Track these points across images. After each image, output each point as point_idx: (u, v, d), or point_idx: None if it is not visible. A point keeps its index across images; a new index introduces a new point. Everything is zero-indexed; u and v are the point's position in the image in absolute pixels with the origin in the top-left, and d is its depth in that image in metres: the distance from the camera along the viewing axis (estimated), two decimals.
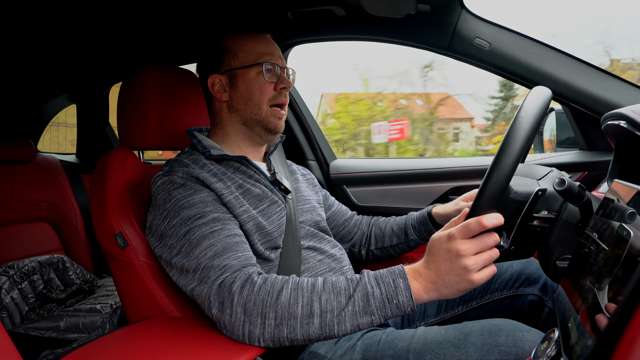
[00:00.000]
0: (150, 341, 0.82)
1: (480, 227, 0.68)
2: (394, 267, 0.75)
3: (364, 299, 0.72)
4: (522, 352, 0.74)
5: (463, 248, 0.69)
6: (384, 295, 0.72)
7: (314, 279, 0.77)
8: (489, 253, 0.70)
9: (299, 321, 0.73)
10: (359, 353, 0.85)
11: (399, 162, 1.65)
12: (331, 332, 0.73)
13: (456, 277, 0.70)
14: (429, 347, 0.80)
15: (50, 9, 1.25)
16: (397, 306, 0.72)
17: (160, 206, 0.90)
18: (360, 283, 0.74)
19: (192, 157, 0.99)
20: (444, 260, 0.71)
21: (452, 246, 0.70)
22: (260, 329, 0.74)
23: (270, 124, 1.03)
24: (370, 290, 0.73)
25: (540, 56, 1.22)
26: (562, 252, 0.76)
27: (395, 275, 0.73)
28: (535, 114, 0.70)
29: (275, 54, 1.03)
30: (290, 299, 0.74)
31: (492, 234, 0.70)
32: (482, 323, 0.82)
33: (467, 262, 0.69)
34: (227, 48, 1.02)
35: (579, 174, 1.29)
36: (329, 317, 0.73)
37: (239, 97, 1.02)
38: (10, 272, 1.70)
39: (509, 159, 0.68)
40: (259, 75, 1.00)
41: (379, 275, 0.75)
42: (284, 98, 1.04)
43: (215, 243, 0.83)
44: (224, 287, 0.78)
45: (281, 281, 0.77)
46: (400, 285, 0.72)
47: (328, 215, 1.26)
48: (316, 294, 0.74)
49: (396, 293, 0.72)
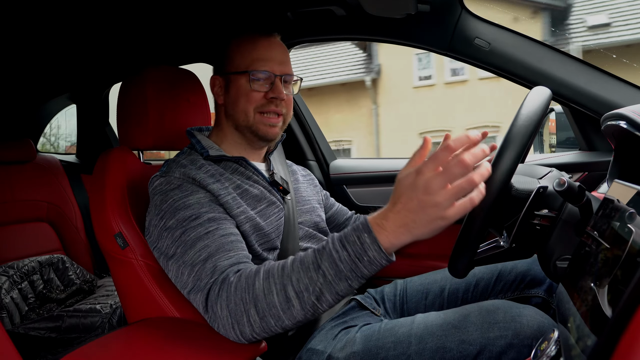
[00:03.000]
0: (150, 341, 0.82)
1: (449, 152, 0.63)
2: (357, 222, 0.70)
3: (333, 266, 0.69)
4: (520, 326, 0.76)
5: (432, 183, 0.62)
6: (352, 256, 0.68)
7: (284, 261, 0.75)
8: (460, 183, 0.62)
9: (279, 309, 0.72)
10: (360, 344, 0.85)
11: (399, 162, 1.65)
12: (314, 308, 0.71)
13: (427, 216, 0.64)
14: (430, 330, 0.81)
15: (50, 8, 1.25)
16: (370, 262, 0.68)
17: (157, 207, 0.90)
18: (325, 251, 0.70)
19: (190, 157, 0.98)
20: (411, 199, 0.64)
21: (418, 182, 0.63)
22: (249, 326, 0.74)
23: (260, 131, 1.00)
24: (336, 255, 0.69)
25: (540, 56, 1.22)
26: (562, 252, 0.76)
27: (359, 231, 0.68)
28: (535, 114, 0.70)
29: (273, 60, 0.99)
30: (264, 289, 0.72)
31: (460, 158, 0.62)
32: (480, 304, 0.83)
33: (436, 198, 0.62)
34: (228, 50, 1.02)
35: (579, 175, 1.29)
36: (306, 296, 0.70)
37: (230, 102, 1.01)
38: (10, 272, 1.70)
39: (509, 160, 0.68)
40: (248, 83, 0.98)
41: (343, 235, 0.70)
42: (274, 107, 0.99)
43: (210, 244, 0.83)
44: (212, 293, 0.78)
45: (254, 274, 0.75)
46: (367, 240, 0.67)
47: (330, 214, 1.25)
48: (287, 277, 0.72)
49: (364, 249, 0.67)
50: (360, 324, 0.92)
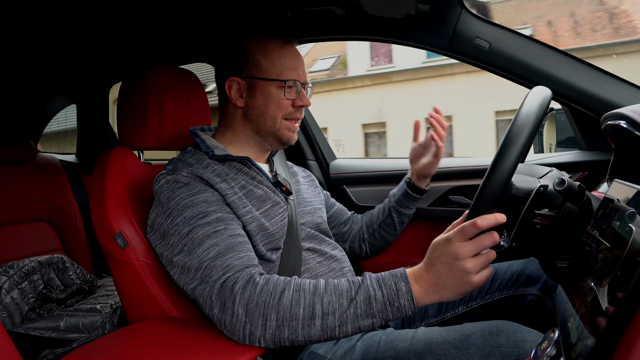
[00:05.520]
0: (150, 341, 0.82)
1: (476, 229, 0.68)
2: (395, 270, 0.75)
3: (366, 301, 0.73)
4: (523, 352, 0.74)
5: (461, 251, 0.70)
6: (385, 298, 0.72)
7: (316, 281, 0.77)
8: (487, 255, 0.71)
9: (300, 323, 0.73)
10: (359, 354, 0.85)
11: (399, 162, 1.65)
12: (332, 334, 0.73)
13: (455, 280, 0.71)
14: (429, 348, 0.80)
15: (50, 9, 1.25)
16: (399, 309, 0.72)
17: (164, 204, 0.90)
18: (363, 285, 0.74)
19: (195, 156, 0.99)
20: (443, 264, 0.71)
21: (450, 249, 0.71)
22: (262, 330, 0.74)
23: (284, 137, 1.03)
24: (372, 293, 0.73)
25: (540, 56, 1.22)
26: (562, 252, 0.76)
27: (397, 278, 0.74)
28: (535, 113, 0.70)
29: (299, 69, 1.01)
30: (292, 300, 0.74)
31: (491, 233, 0.70)
32: (483, 324, 0.82)
33: (465, 264, 0.70)
34: (251, 53, 1.00)
35: (579, 174, 1.29)
36: (331, 319, 0.73)
37: (255, 108, 1.00)
38: (11, 272, 1.70)
39: (509, 160, 0.67)
40: (280, 90, 0.99)
41: (380, 278, 0.75)
42: (299, 114, 1.04)
43: (218, 243, 0.83)
44: (226, 287, 0.78)
45: (283, 282, 0.77)
46: (402, 289, 0.72)
47: (330, 214, 1.26)
48: (318, 296, 0.74)
49: (398, 296, 0.72)
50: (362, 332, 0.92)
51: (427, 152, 1.19)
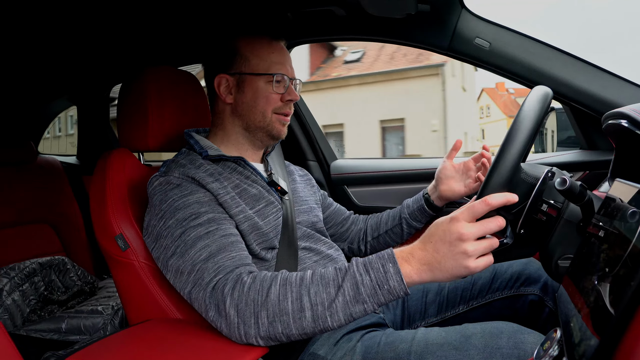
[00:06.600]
0: (152, 343, 0.82)
1: (486, 206, 0.66)
2: (382, 252, 0.73)
3: (354, 287, 0.71)
4: (524, 354, 0.73)
5: (465, 231, 0.67)
6: (374, 282, 0.71)
7: (303, 272, 0.76)
8: (489, 241, 0.68)
9: (291, 316, 0.72)
10: (359, 355, 0.85)
11: (400, 162, 1.65)
12: (325, 324, 0.72)
13: (453, 262, 0.68)
14: (430, 349, 0.79)
15: (50, 10, 1.25)
16: (389, 291, 0.70)
17: (156, 207, 0.90)
18: (349, 272, 0.73)
19: (188, 157, 0.99)
20: (444, 243, 0.68)
21: (454, 228, 0.68)
22: (255, 329, 0.74)
23: (274, 130, 1.03)
24: (360, 279, 0.71)
25: (541, 56, 1.22)
26: (564, 251, 0.76)
27: (384, 260, 0.72)
28: (536, 113, 0.70)
29: (286, 64, 1.03)
30: (280, 295, 0.73)
31: (497, 217, 0.68)
32: (484, 325, 0.81)
33: (467, 247, 0.67)
34: (239, 50, 1.01)
35: (580, 174, 1.29)
36: (320, 310, 0.72)
37: (244, 103, 1.01)
38: (12, 273, 1.70)
39: (510, 158, 0.67)
40: (268, 84, 1.00)
41: (367, 261, 0.73)
42: (289, 109, 1.04)
43: (210, 244, 0.83)
44: (217, 290, 0.78)
45: (270, 278, 0.76)
46: (390, 270, 0.70)
47: (327, 213, 1.26)
48: (305, 287, 0.73)
49: (386, 278, 0.70)
50: (362, 332, 0.91)
51: (460, 179, 1.18)
